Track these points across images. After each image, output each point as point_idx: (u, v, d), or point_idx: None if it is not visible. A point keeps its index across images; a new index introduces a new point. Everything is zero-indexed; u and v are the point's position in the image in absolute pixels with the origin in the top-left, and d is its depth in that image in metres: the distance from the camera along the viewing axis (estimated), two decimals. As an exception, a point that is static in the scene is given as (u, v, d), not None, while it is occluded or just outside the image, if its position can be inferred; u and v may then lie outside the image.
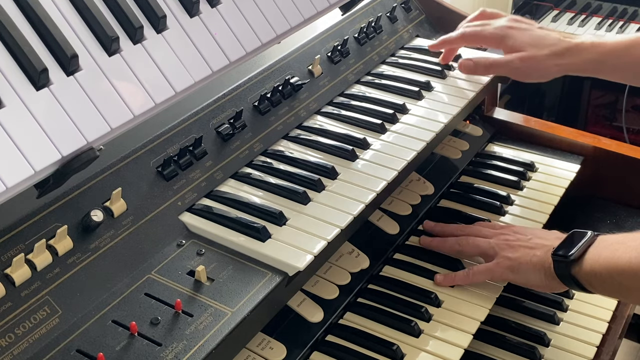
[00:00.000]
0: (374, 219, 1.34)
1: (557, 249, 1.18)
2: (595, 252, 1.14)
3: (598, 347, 1.26)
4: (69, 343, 0.91)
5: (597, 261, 1.13)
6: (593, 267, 1.13)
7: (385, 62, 1.57)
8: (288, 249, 1.06)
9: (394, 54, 1.60)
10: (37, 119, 0.93)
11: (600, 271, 1.12)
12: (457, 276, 1.26)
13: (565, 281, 1.17)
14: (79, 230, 1.00)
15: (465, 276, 1.26)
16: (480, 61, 1.50)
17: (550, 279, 1.19)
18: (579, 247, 1.15)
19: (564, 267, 1.16)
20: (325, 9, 1.39)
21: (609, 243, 1.14)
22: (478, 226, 1.34)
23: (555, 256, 1.17)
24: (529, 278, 1.22)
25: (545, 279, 1.20)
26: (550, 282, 1.19)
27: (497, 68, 1.50)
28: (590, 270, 1.13)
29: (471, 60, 1.51)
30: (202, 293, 0.99)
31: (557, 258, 1.17)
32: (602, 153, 1.61)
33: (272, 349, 1.08)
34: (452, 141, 1.60)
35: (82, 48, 1.01)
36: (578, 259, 1.14)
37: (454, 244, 1.30)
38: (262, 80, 1.33)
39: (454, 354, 1.14)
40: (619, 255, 1.10)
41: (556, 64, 1.44)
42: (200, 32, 1.15)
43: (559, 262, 1.17)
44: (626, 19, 2.99)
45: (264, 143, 1.27)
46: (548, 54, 1.43)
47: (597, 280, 1.14)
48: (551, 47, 1.44)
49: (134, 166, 1.10)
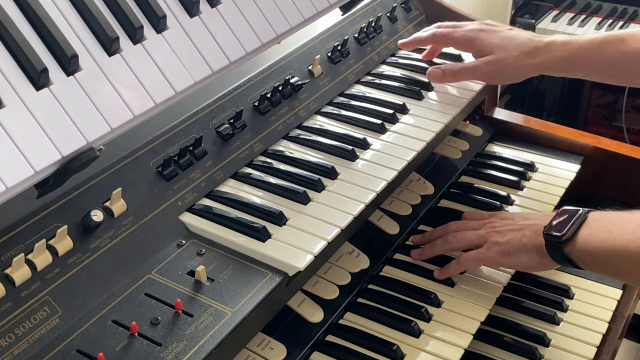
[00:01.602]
0: (374, 219, 1.34)
1: (548, 228, 1.17)
2: (589, 232, 1.13)
3: (598, 347, 1.26)
4: (69, 343, 0.91)
5: (592, 242, 1.12)
6: (587, 247, 1.12)
7: (385, 62, 1.57)
8: (288, 249, 1.06)
9: (394, 54, 1.60)
10: (37, 119, 0.93)
11: (595, 252, 1.12)
12: (450, 267, 1.26)
13: (557, 260, 1.17)
14: (79, 230, 1.00)
15: (457, 264, 1.26)
16: (448, 68, 1.47)
17: (542, 257, 1.18)
18: (571, 226, 1.14)
19: (557, 246, 1.15)
20: (325, 9, 1.39)
21: (604, 224, 1.13)
22: (465, 220, 1.34)
23: (547, 236, 1.17)
24: (521, 259, 1.22)
25: (538, 258, 1.19)
26: (542, 260, 1.19)
27: (465, 74, 1.48)
28: (584, 250, 1.13)
29: (439, 68, 1.47)
30: (202, 293, 0.99)
31: (549, 238, 1.16)
32: (602, 153, 1.61)
33: (272, 349, 1.08)
34: (452, 141, 1.60)
35: (82, 48, 1.01)
36: (571, 237, 1.14)
37: (443, 244, 1.30)
38: (262, 80, 1.33)
39: (454, 354, 1.14)
40: (614, 237, 1.09)
41: (527, 64, 1.42)
42: (200, 32, 1.15)
43: (551, 241, 1.16)
44: (626, 19, 2.99)
45: (264, 143, 1.27)
46: (517, 54, 1.42)
47: (591, 260, 1.13)
48: (520, 48, 1.42)
49: (134, 166, 1.10)
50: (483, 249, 1.25)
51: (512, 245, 1.22)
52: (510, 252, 1.22)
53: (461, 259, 1.26)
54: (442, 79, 1.47)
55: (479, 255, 1.25)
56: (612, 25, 2.93)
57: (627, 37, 1.39)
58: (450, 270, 1.27)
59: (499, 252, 1.23)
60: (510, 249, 1.22)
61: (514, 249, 1.22)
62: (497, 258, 1.24)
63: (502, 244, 1.23)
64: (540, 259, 1.19)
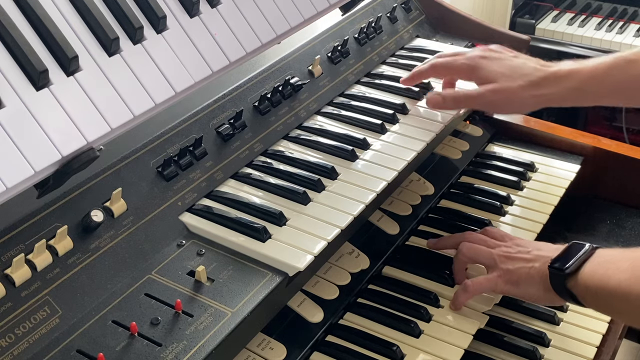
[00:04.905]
0: (374, 219, 1.34)
1: (554, 261, 1.15)
2: (591, 268, 1.11)
3: (598, 347, 1.25)
4: (69, 343, 0.91)
5: (591, 278, 1.10)
6: (587, 283, 1.10)
7: (385, 62, 1.57)
8: (288, 249, 1.06)
9: (394, 54, 1.60)
10: (37, 119, 0.93)
11: (593, 289, 1.09)
12: (459, 296, 1.22)
13: (561, 294, 1.15)
14: (79, 231, 1.00)
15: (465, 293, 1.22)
16: (450, 95, 1.40)
17: (548, 292, 1.16)
18: (575, 260, 1.12)
19: (560, 280, 1.13)
20: (325, 9, 1.39)
21: (604, 260, 1.11)
22: (483, 235, 1.30)
23: (552, 268, 1.15)
24: (529, 291, 1.20)
25: (543, 292, 1.17)
26: (547, 294, 1.17)
27: (468, 102, 1.40)
28: (584, 286, 1.11)
29: (439, 94, 1.41)
30: (202, 293, 0.99)
31: (553, 270, 1.14)
32: (602, 153, 1.61)
33: (272, 350, 1.08)
34: (452, 141, 1.60)
35: (82, 48, 1.01)
36: (574, 272, 1.11)
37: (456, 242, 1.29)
38: (262, 80, 1.33)
39: (454, 355, 1.14)
40: (609, 275, 1.07)
41: (532, 95, 1.34)
42: (200, 33, 1.15)
43: (555, 274, 1.14)
44: (626, 19, 2.99)
45: (264, 143, 1.27)
46: (523, 84, 1.33)
47: (590, 297, 1.11)
48: (526, 77, 1.34)
49: (134, 166, 1.10)
50: (493, 276, 1.22)
51: (521, 276, 1.19)
52: (518, 282, 1.20)
53: (469, 287, 1.22)
54: (442, 106, 1.40)
55: (488, 283, 1.22)
56: (612, 26, 2.93)
57: (635, 58, 1.32)
58: (460, 300, 1.22)
59: (507, 280, 1.21)
60: (519, 279, 1.20)
61: (522, 279, 1.19)
62: (504, 287, 1.21)
63: (511, 273, 1.20)
64: (545, 293, 1.17)
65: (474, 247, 1.26)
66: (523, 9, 3.04)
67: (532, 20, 2.95)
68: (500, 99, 1.36)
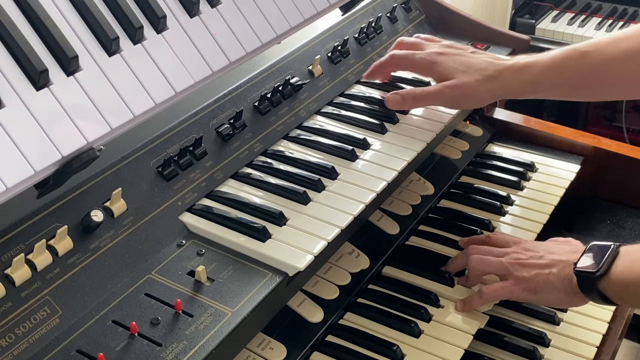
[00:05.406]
0: (374, 219, 1.34)
1: (579, 265, 1.14)
2: (625, 266, 1.11)
3: (598, 347, 1.25)
4: (69, 343, 0.91)
5: (629, 276, 1.09)
6: (624, 281, 1.10)
7: (385, 62, 1.57)
8: (288, 249, 1.06)
9: (394, 54, 1.60)
10: (37, 119, 0.93)
11: (634, 286, 1.09)
12: (473, 300, 1.22)
13: (590, 296, 1.14)
14: (79, 231, 1.00)
15: (480, 299, 1.22)
16: (408, 94, 1.39)
17: (572, 296, 1.16)
18: (605, 261, 1.12)
19: (590, 282, 1.12)
20: (325, 9, 1.39)
21: (636, 257, 1.11)
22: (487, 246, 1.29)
23: (580, 272, 1.14)
24: (548, 297, 1.19)
25: (565, 296, 1.17)
26: (571, 298, 1.16)
27: (426, 99, 1.39)
28: (621, 284, 1.10)
29: (398, 94, 1.39)
30: (202, 293, 0.99)
31: (582, 274, 1.13)
32: (602, 153, 1.61)
33: (272, 349, 1.08)
34: (452, 141, 1.60)
35: (82, 48, 1.01)
36: (605, 273, 1.11)
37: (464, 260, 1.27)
38: (262, 80, 1.33)
39: (454, 355, 1.14)
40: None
41: (489, 89, 1.35)
42: (200, 32, 1.15)
43: (585, 278, 1.13)
44: (626, 19, 2.99)
45: (264, 143, 1.27)
46: (479, 79, 1.34)
47: (628, 295, 1.11)
48: (482, 72, 1.35)
49: (134, 166, 1.10)
50: (509, 284, 1.21)
51: (539, 283, 1.18)
52: (536, 290, 1.19)
53: (484, 293, 1.21)
54: (401, 105, 1.39)
55: (504, 291, 1.21)
56: (612, 26, 2.93)
57: (589, 50, 1.33)
58: (473, 304, 1.22)
59: (525, 289, 1.19)
60: (537, 286, 1.19)
61: (540, 286, 1.18)
62: (521, 294, 1.20)
63: (528, 280, 1.19)
64: (567, 297, 1.17)
65: (482, 259, 1.25)
66: (523, 9, 3.04)
67: (532, 20, 2.95)
68: (458, 94, 1.36)
